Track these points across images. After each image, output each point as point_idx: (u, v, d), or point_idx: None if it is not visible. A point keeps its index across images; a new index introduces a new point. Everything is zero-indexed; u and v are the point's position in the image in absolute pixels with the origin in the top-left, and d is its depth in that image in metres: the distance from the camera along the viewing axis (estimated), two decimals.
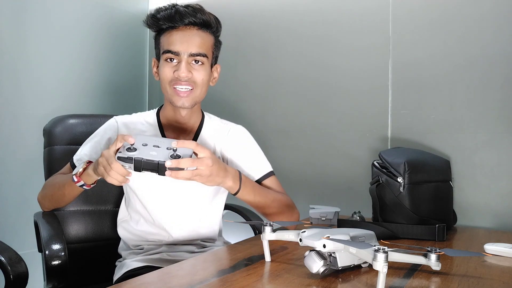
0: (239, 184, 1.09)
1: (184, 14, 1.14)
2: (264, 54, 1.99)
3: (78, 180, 1.09)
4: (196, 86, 1.18)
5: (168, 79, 1.17)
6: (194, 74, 1.16)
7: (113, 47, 2.19)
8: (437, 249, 0.78)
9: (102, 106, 2.13)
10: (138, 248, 1.25)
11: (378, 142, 1.69)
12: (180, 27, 1.16)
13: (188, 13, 1.15)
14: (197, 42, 1.16)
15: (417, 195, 1.26)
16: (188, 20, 1.15)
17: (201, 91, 1.20)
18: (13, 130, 1.80)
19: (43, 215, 1.27)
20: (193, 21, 1.15)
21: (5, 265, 0.96)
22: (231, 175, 1.07)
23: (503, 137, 1.47)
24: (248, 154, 1.29)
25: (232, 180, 1.07)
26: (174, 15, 1.14)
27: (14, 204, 1.80)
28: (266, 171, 1.28)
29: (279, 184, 1.30)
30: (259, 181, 1.26)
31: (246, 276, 0.80)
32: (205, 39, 1.19)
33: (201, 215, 1.26)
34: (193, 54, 1.16)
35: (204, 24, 1.18)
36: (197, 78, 1.17)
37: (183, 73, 1.14)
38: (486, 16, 1.50)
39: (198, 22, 1.16)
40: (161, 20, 1.16)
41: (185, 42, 1.15)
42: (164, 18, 1.15)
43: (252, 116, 2.00)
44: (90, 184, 1.10)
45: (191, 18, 1.15)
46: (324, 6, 1.83)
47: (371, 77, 1.72)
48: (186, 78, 1.15)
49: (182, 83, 1.16)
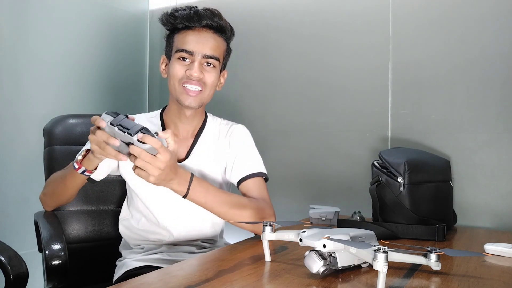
0: (187, 188, 1.04)
1: (203, 16, 1.17)
2: (264, 54, 1.99)
3: (80, 166, 1.08)
4: (206, 87, 1.19)
5: (179, 76, 1.17)
6: (205, 75, 1.18)
7: (113, 47, 2.19)
8: (437, 249, 0.78)
9: (102, 106, 2.13)
10: (138, 247, 1.25)
11: (378, 142, 1.69)
12: (196, 28, 1.18)
13: (207, 15, 1.17)
14: (211, 44, 1.18)
15: (417, 195, 1.26)
16: (205, 22, 1.17)
17: (209, 93, 1.21)
18: (13, 130, 1.80)
19: (43, 215, 1.27)
20: (210, 24, 1.18)
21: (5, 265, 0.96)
22: (178, 179, 1.02)
23: (503, 137, 1.47)
24: (241, 152, 1.27)
25: (178, 184, 1.02)
26: (192, 15, 1.17)
27: (14, 204, 1.80)
28: (253, 171, 1.25)
29: (263, 188, 1.24)
30: (242, 180, 1.24)
31: (246, 276, 0.80)
32: (219, 43, 1.21)
33: (204, 214, 1.25)
34: (207, 56, 1.17)
35: (220, 29, 1.20)
36: (207, 79, 1.18)
37: (195, 73, 1.15)
38: (486, 16, 1.50)
39: (214, 26, 1.19)
40: (179, 19, 1.17)
41: (200, 43, 1.17)
42: (182, 17, 1.17)
43: (252, 116, 2.00)
44: (92, 169, 1.09)
45: (208, 21, 1.17)
46: (324, 6, 1.83)
47: (371, 77, 1.72)
48: (198, 78, 1.16)
49: (193, 83, 1.16)
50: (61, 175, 1.19)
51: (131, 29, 2.25)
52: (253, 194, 1.22)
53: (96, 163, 1.07)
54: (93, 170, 1.09)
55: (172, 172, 0.98)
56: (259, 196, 1.22)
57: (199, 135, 1.27)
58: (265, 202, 1.21)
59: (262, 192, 1.24)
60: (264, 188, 1.25)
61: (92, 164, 1.07)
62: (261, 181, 1.25)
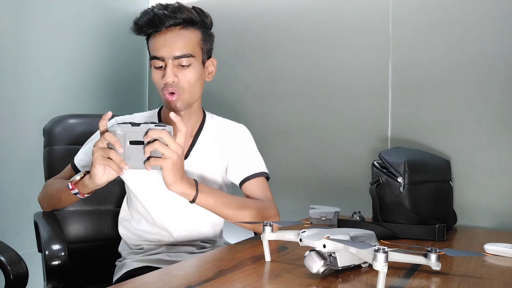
0: (196, 190, 1.04)
1: (163, 17, 1.10)
2: (264, 54, 1.99)
3: (73, 188, 1.08)
4: (183, 90, 1.14)
5: (159, 86, 1.15)
6: (181, 78, 1.13)
7: (113, 47, 2.19)
8: (437, 249, 0.78)
9: (102, 106, 2.13)
10: (138, 248, 1.25)
11: (378, 142, 1.69)
12: (163, 30, 1.13)
13: (167, 15, 1.11)
14: (179, 44, 1.12)
15: (417, 195, 1.26)
16: (168, 23, 1.11)
17: (192, 93, 1.16)
18: (13, 130, 1.80)
19: (43, 215, 1.27)
20: (173, 22, 1.12)
21: (5, 265, 0.96)
22: (186, 179, 1.02)
23: (503, 137, 1.47)
24: (242, 152, 1.27)
25: (187, 186, 1.02)
26: (153, 19, 1.11)
27: (14, 204, 1.80)
28: (256, 171, 1.25)
29: (266, 188, 1.25)
30: (245, 180, 1.24)
31: (246, 276, 0.80)
32: (189, 37, 1.14)
33: (203, 214, 1.25)
34: (178, 57, 1.12)
35: (186, 22, 1.13)
36: (183, 82, 1.13)
37: (169, 78, 1.11)
38: (486, 16, 1.50)
39: (179, 22, 1.12)
40: (144, 27, 1.13)
41: (167, 45, 1.11)
42: (145, 25, 1.13)
43: (252, 116, 2.00)
44: (85, 194, 1.09)
45: (171, 20, 1.11)
46: (324, 6, 1.83)
47: (371, 77, 1.72)
48: (173, 83, 1.12)
49: (169, 89, 1.13)
50: (57, 187, 1.19)
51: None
52: (256, 195, 1.22)
53: (90, 189, 1.07)
54: (86, 194, 1.09)
55: (182, 168, 0.99)
56: (262, 196, 1.22)
57: (198, 135, 1.26)
58: (270, 202, 1.22)
59: (266, 192, 1.24)
60: (267, 188, 1.25)
61: (86, 189, 1.07)
62: (263, 181, 1.25)
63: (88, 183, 1.04)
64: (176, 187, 1.00)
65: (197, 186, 1.05)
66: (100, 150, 0.94)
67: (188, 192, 1.03)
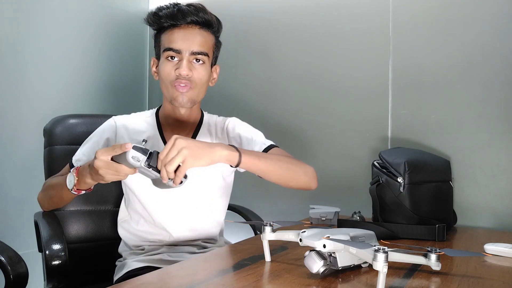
0: (237, 150, 1.00)
1: (187, 12, 1.15)
2: (264, 55, 1.99)
3: (78, 192, 1.09)
4: (195, 85, 1.17)
5: (170, 78, 1.17)
6: (194, 73, 1.16)
7: (113, 47, 2.19)
8: (437, 249, 0.78)
9: (102, 106, 2.13)
10: (139, 248, 1.25)
11: (378, 142, 1.69)
12: (182, 26, 1.16)
13: (191, 11, 1.15)
14: (198, 40, 1.16)
15: (417, 195, 1.26)
16: (190, 19, 1.15)
17: (200, 91, 1.20)
18: (14, 130, 1.80)
19: (43, 215, 1.27)
20: (195, 20, 1.16)
21: (5, 265, 0.96)
22: (219, 144, 0.99)
23: (503, 137, 1.47)
24: (245, 137, 1.26)
25: (225, 147, 0.98)
26: (176, 13, 1.15)
27: (14, 204, 1.80)
28: (267, 144, 1.23)
29: (285, 153, 1.22)
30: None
31: (246, 276, 0.80)
32: (207, 38, 1.19)
33: (204, 214, 1.25)
34: (195, 53, 1.16)
35: (206, 24, 1.18)
36: (196, 77, 1.17)
37: (184, 71, 1.14)
38: (486, 17, 1.50)
39: (200, 21, 1.17)
40: (163, 18, 1.16)
41: (187, 40, 1.15)
42: (166, 16, 1.16)
43: (252, 116, 1.99)
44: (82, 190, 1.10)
45: (193, 16, 1.15)
46: (324, 6, 1.83)
47: (371, 77, 1.72)
48: (187, 76, 1.15)
49: (182, 82, 1.16)
50: (57, 185, 1.18)
51: (131, 29, 2.25)
52: None
53: (92, 184, 1.07)
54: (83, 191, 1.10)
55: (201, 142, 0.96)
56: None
57: (196, 135, 1.27)
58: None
59: (289, 155, 1.20)
60: (286, 152, 1.22)
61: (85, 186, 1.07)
62: (278, 150, 1.23)
63: (89, 181, 1.04)
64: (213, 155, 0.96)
65: (235, 147, 1.01)
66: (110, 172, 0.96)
67: (227, 153, 0.98)
